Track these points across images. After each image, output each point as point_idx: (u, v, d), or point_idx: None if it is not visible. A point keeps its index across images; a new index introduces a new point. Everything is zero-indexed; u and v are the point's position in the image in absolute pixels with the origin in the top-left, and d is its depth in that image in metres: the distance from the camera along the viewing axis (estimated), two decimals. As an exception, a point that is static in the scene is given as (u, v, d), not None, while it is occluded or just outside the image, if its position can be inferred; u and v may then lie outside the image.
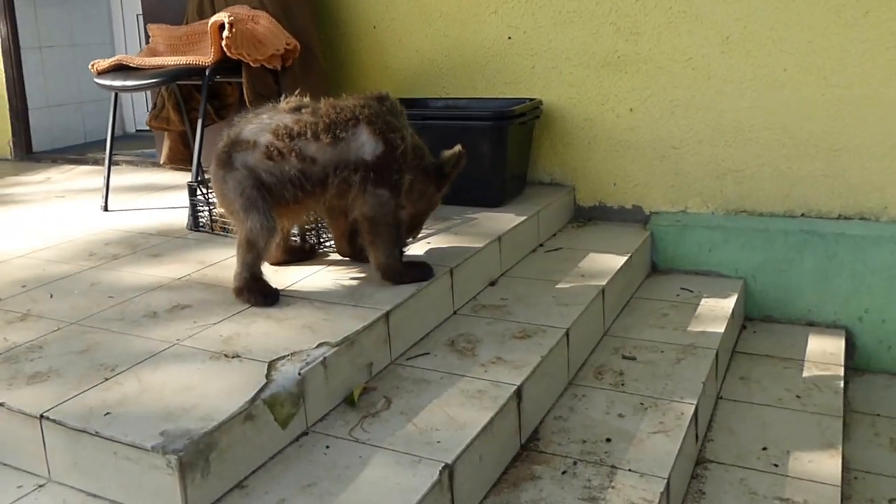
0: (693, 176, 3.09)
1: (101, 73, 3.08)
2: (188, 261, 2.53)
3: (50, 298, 2.24)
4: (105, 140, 3.29)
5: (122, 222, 3.03)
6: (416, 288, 2.22)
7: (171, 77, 2.90)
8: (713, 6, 2.91)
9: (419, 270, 2.29)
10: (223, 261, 2.48)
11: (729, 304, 2.79)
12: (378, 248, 2.23)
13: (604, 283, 2.59)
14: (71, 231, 2.93)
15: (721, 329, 2.59)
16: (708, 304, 2.80)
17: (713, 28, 2.93)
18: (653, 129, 3.11)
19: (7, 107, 4.74)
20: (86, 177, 4.06)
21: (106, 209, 3.23)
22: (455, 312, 2.42)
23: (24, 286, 2.34)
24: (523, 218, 2.89)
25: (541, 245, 3.04)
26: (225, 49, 2.76)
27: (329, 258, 2.52)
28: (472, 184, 2.98)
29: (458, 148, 2.41)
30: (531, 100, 3.16)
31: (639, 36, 3.05)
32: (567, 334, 2.26)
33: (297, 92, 2.33)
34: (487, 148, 2.94)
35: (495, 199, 3.02)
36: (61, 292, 2.28)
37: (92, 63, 3.13)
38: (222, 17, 2.70)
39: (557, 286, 2.59)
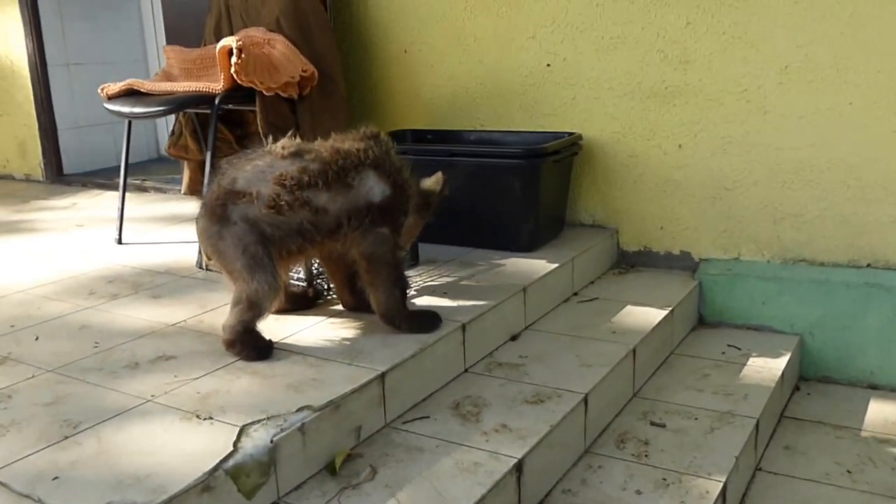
0: (747, 220, 3.01)
1: (111, 98, 3.12)
2: (188, 304, 2.55)
3: (35, 341, 2.27)
4: (135, 163, 3.32)
5: (133, 257, 3.08)
6: (418, 346, 2.18)
7: (179, 105, 2.92)
8: (771, 31, 2.83)
9: (423, 321, 2.28)
10: (224, 306, 2.43)
11: (779, 364, 2.70)
12: (378, 288, 2.24)
13: (636, 342, 2.53)
14: (78, 264, 2.99)
15: (767, 394, 2.50)
16: (756, 365, 2.71)
17: (771, 56, 2.85)
18: (703, 168, 3.04)
19: (37, 126, 4.88)
20: (112, 203, 4.10)
21: (120, 242, 3.29)
22: (466, 370, 2.38)
23: (12, 326, 2.39)
24: (555, 266, 2.84)
25: (575, 294, 2.98)
26: (235, 76, 2.77)
27: (334, 308, 2.50)
28: (501, 227, 2.96)
29: (438, 175, 2.41)
30: (569, 134, 3.11)
31: (688, 64, 2.98)
32: (585, 400, 2.20)
33: (286, 126, 2.33)
34: (518, 188, 2.90)
35: (527, 244, 2.98)
36: (48, 334, 2.32)
37: (101, 87, 3.17)
38: (230, 41, 2.71)
39: (584, 343, 2.53)
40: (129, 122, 3.23)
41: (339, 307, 2.49)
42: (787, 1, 2.79)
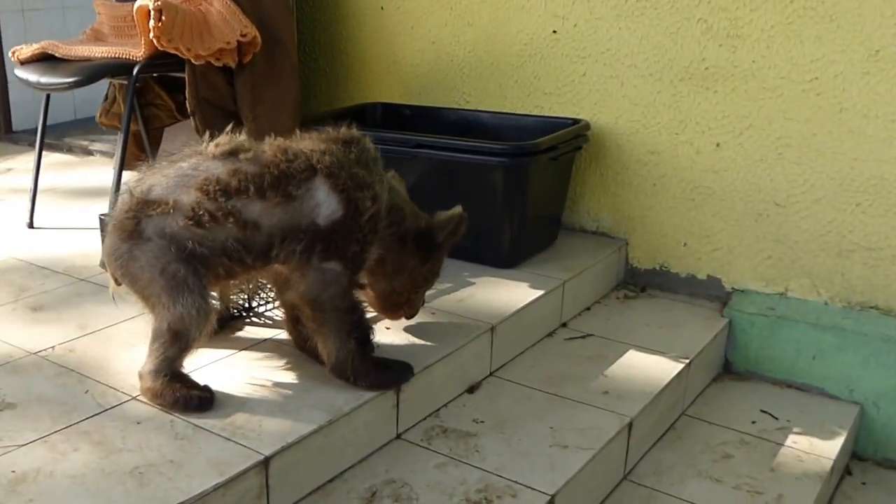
0: (802, 247, 2.65)
1: (23, 64, 2.88)
2: (68, 321, 2.25)
3: None
4: (87, 118, 3.19)
5: (37, 247, 2.84)
6: (328, 416, 1.79)
7: (92, 76, 2.65)
8: (859, 4, 2.41)
9: (388, 375, 1.98)
10: (108, 327, 2.20)
11: (831, 448, 2.24)
12: (327, 338, 1.93)
13: (635, 412, 2.11)
14: (-32, 258, 2.78)
15: (811, 496, 2.03)
16: (798, 446, 2.26)
17: (856, 36, 2.44)
18: (748, 175, 2.70)
19: (-14, 78, 4.77)
20: (51, 170, 3.90)
21: (31, 226, 3.08)
22: (399, 436, 2.00)
23: None
24: (540, 293, 2.47)
25: (563, 325, 2.63)
26: (155, 42, 2.51)
27: (254, 335, 2.16)
28: (478, 236, 2.61)
29: (457, 210, 2.12)
30: (574, 121, 2.81)
31: (739, 40, 2.62)
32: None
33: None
34: (500, 190, 2.59)
35: (508, 257, 2.67)
36: None
37: (13, 50, 2.95)
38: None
39: (563, 407, 2.13)
40: (48, 95, 3.00)
41: (261, 334, 2.17)
42: (888, -39, 2.38)
